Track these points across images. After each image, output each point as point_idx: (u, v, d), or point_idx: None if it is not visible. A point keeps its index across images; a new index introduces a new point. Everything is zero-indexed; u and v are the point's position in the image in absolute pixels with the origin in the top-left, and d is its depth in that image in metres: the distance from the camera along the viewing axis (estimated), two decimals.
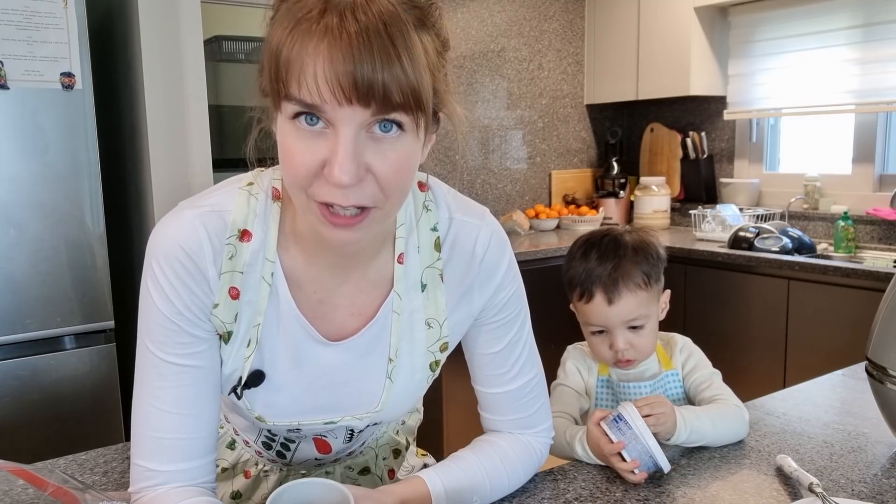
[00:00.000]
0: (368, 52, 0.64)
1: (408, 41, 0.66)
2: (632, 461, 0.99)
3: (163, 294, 0.79)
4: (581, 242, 1.22)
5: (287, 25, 0.67)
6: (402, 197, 0.74)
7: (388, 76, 0.65)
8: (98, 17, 2.39)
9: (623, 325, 1.16)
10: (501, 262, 0.91)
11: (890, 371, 1.03)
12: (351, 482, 1.06)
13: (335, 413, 0.91)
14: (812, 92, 3.14)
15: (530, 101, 3.74)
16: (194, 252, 0.79)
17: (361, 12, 0.65)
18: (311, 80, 0.65)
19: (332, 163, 0.67)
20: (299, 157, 0.69)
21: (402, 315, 0.88)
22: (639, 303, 1.15)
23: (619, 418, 1.01)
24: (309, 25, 0.65)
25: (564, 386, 1.22)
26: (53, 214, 2.07)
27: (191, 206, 0.81)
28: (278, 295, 0.84)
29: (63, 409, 2.14)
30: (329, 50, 0.64)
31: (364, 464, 1.08)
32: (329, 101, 0.66)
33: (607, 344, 1.18)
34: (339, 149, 0.67)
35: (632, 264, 1.16)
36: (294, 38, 0.66)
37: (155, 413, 0.81)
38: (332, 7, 0.65)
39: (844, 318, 2.50)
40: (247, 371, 0.85)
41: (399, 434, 1.12)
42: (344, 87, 0.65)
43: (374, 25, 0.65)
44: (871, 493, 0.95)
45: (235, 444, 1.06)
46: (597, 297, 1.15)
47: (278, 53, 0.67)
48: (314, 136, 0.68)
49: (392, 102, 0.66)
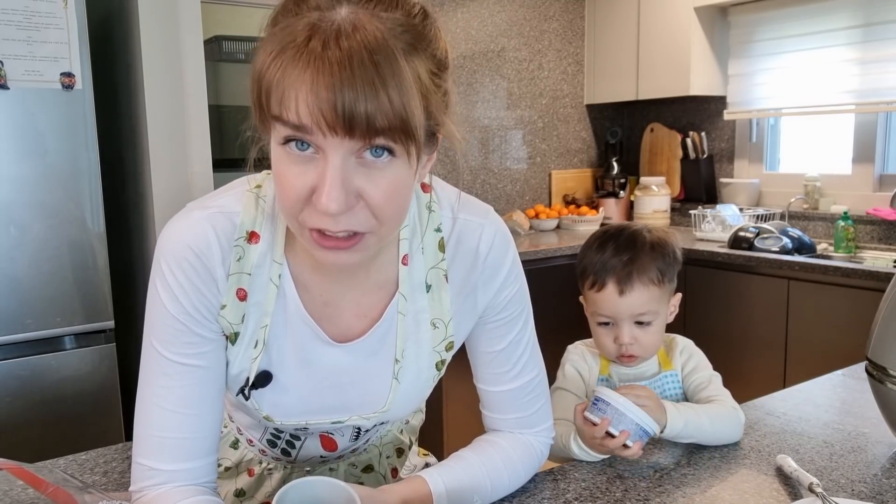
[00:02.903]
0: (350, 82, 0.63)
1: (395, 68, 0.65)
2: (621, 433, 1.01)
3: (171, 293, 0.79)
4: (599, 234, 1.22)
5: (273, 50, 0.66)
6: (397, 221, 0.74)
7: (371, 105, 0.64)
8: (98, 17, 2.39)
9: (630, 319, 1.16)
10: (505, 260, 0.92)
11: (890, 371, 1.03)
12: (354, 480, 1.06)
13: (342, 413, 0.91)
14: (812, 92, 3.14)
15: (530, 101, 3.74)
16: (203, 253, 0.79)
17: (346, 39, 0.64)
18: (294, 107, 0.64)
19: (320, 190, 0.67)
20: (290, 183, 0.69)
21: (408, 316, 0.89)
22: (650, 298, 1.16)
23: (597, 400, 1.04)
24: (295, 52, 0.64)
25: (563, 390, 1.22)
26: (54, 214, 2.07)
27: (200, 208, 0.81)
28: (286, 296, 0.84)
29: (63, 409, 2.14)
30: (312, 78, 0.63)
31: (368, 461, 1.08)
32: (312, 130, 0.65)
33: (612, 337, 1.18)
34: (327, 176, 0.66)
35: (648, 259, 1.16)
36: (279, 63, 0.65)
37: (159, 412, 0.81)
38: (318, 34, 0.64)
39: (844, 318, 2.50)
40: (254, 372, 0.85)
41: (403, 433, 1.13)
42: (326, 117, 0.64)
43: (358, 53, 0.63)
44: (871, 493, 0.95)
45: (239, 443, 1.06)
46: (609, 286, 1.16)
47: (262, 78, 0.67)
48: (304, 161, 0.68)
49: (377, 130, 0.65)
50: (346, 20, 0.65)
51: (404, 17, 0.68)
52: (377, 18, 0.66)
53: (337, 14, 0.65)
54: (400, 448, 1.12)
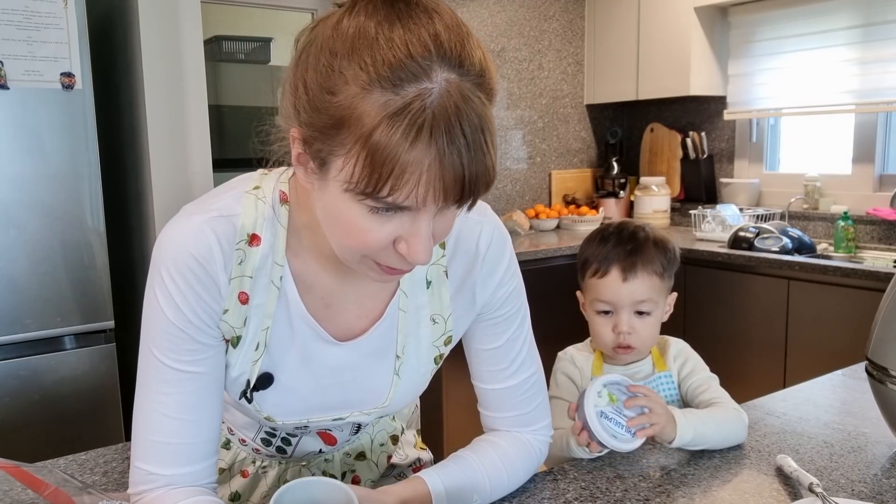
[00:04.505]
0: (469, 160, 0.65)
1: (493, 135, 0.67)
2: (581, 433, 1.03)
3: (171, 301, 0.78)
4: (600, 230, 1.24)
5: (391, 130, 0.63)
6: None
7: (483, 179, 0.67)
8: (98, 17, 2.39)
9: (631, 307, 1.17)
10: (503, 258, 0.92)
11: (890, 371, 1.03)
12: (348, 468, 1.07)
13: (344, 410, 0.91)
14: (812, 92, 3.14)
15: (530, 101, 3.74)
16: (205, 259, 0.78)
17: (461, 118, 0.64)
18: (410, 190, 0.64)
19: (410, 244, 0.69)
20: (371, 237, 0.69)
21: (409, 312, 0.89)
22: (651, 287, 1.17)
23: (582, 395, 1.05)
24: (411, 129, 0.63)
25: (557, 398, 1.21)
26: (53, 214, 2.07)
27: (199, 212, 0.80)
28: (287, 298, 0.84)
29: (63, 409, 2.14)
30: (439, 157, 0.63)
31: (360, 448, 1.08)
32: (419, 207, 0.67)
33: (610, 326, 1.18)
34: (422, 233, 0.69)
35: (652, 251, 1.18)
36: (393, 140, 0.63)
37: (157, 418, 0.81)
38: (437, 116, 0.63)
39: (844, 318, 2.50)
40: (255, 374, 0.85)
41: (395, 419, 1.13)
42: (448, 195, 0.65)
43: (474, 129, 0.65)
44: (871, 493, 0.95)
45: (231, 443, 1.06)
46: (612, 272, 1.17)
47: (380, 152, 0.63)
48: (388, 217, 0.68)
49: (479, 194, 0.68)
50: (450, 92, 0.64)
51: (478, 76, 0.67)
52: (467, 80, 0.66)
53: (437, 84, 0.64)
54: (394, 435, 1.12)
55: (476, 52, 0.68)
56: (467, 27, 0.69)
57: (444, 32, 0.65)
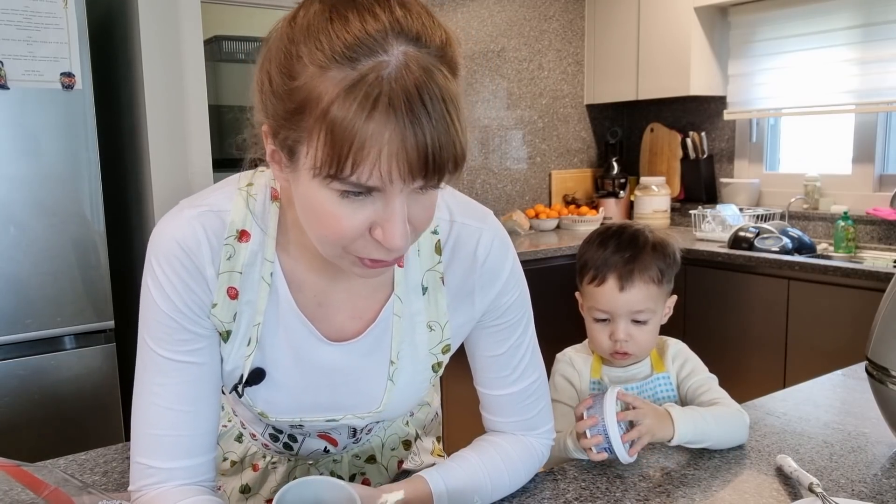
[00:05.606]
0: (433, 134, 0.63)
1: (460, 109, 0.65)
2: (593, 437, 1.02)
3: (162, 291, 0.79)
4: (600, 231, 1.23)
5: (347, 103, 0.62)
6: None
7: (447, 152, 0.64)
8: (98, 17, 2.39)
9: (628, 316, 1.16)
10: (504, 267, 0.91)
11: (890, 371, 1.03)
12: (357, 471, 1.07)
13: (336, 412, 0.91)
14: (812, 92, 3.14)
15: (530, 101, 3.74)
16: (192, 251, 0.79)
17: (422, 91, 0.62)
18: (372, 168, 0.62)
19: (385, 229, 0.67)
20: (344, 224, 0.68)
21: (403, 318, 0.89)
22: (648, 296, 1.16)
23: (598, 399, 1.05)
24: (366, 104, 0.61)
25: (555, 401, 1.21)
26: (53, 214, 2.07)
27: (190, 206, 0.82)
28: (278, 295, 0.84)
29: (63, 409, 2.14)
30: (400, 130, 0.62)
31: (370, 451, 1.08)
32: (385, 187, 0.65)
33: (608, 333, 1.18)
34: (394, 218, 0.67)
35: (650, 258, 1.17)
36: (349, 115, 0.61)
37: (155, 410, 0.81)
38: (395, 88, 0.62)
39: (844, 318, 2.50)
40: (247, 369, 0.85)
41: (408, 425, 1.12)
42: (414, 172, 0.63)
43: (438, 103, 0.63)
44: (871, 493, 0.95)
45: (243, 437, 1.06)
46: (609, 281, 1.16)
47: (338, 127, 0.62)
48: (359, 202, 0.67)
49: (450, 171, 0.66)
50: (408, 64, 0.63)
51: (438, 49, 0.66)
52: (427, 53, 0.64)
53: (393, 56, 0.63)
54: (406, 440, 1.12)
55: (437, 30, 0.67)
56: (427, 8, 0.68)
57: (399, 10, 0.65)
